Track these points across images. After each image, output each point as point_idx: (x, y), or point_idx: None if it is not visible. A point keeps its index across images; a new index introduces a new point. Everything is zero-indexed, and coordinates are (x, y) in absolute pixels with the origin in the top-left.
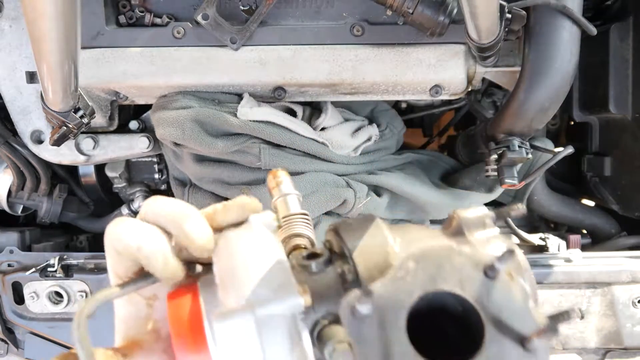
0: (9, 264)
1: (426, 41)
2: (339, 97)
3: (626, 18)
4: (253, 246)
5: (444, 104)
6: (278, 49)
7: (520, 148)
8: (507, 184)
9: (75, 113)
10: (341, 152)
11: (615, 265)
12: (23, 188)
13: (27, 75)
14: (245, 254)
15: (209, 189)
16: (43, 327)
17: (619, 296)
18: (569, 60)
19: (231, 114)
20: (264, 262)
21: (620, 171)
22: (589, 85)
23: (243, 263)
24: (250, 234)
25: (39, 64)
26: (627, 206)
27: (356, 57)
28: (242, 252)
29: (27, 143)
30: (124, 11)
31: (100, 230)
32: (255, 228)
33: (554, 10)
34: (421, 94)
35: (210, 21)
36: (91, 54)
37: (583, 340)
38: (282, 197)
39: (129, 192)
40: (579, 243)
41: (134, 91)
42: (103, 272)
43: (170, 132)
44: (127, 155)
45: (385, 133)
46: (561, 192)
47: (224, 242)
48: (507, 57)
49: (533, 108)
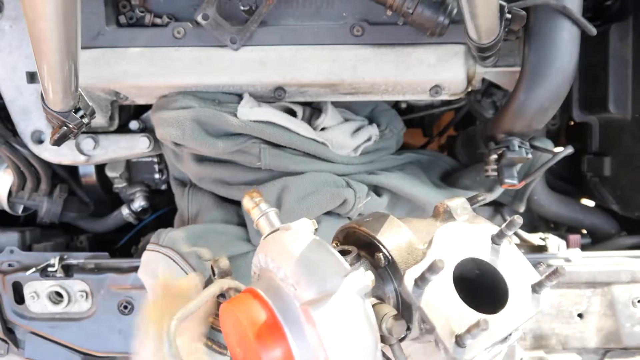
0: (10, 264)
1: (426, 41)
2: (339, 97)
3: (626, 18)
4: (310, 247)
5: (444, 104)
6: (278, 49)
7: (520, 148)
8: (507, 184)
9: (75, 113)
10: (341, 152)
11: (615, 265)
12: (23, 188)
13: (27, 75)
14: (308, 255)
15: (209, 189)
16: (43, 327)
17: (619, 296)
18: (568, 61)
19: (231, 114)
20: (324, 258)
21: (620, 171)
22: (589, 85)
23: (311, 262)
24: (296, 234)
25: (39, 64)
26: (627, 206)
27: (356, 57)
28: (304, 254)
29: (27, 143)
30: (124, 11)
31: (101, 230)
32: (295, 228)
33: (554, 11)
34: (421, 94)
35: (210, 21)
36: (91, 54)
37: (583, 340)
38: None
39: (129, 192)
40: (579, 243)
41: (134, 91)
42: (103, 272)
43: (171, 132)
44: (127, 155)
45: (385, 133)
46: (561, 192)
47: (278, 248)
48: (507, 57)
49: (533, 108)
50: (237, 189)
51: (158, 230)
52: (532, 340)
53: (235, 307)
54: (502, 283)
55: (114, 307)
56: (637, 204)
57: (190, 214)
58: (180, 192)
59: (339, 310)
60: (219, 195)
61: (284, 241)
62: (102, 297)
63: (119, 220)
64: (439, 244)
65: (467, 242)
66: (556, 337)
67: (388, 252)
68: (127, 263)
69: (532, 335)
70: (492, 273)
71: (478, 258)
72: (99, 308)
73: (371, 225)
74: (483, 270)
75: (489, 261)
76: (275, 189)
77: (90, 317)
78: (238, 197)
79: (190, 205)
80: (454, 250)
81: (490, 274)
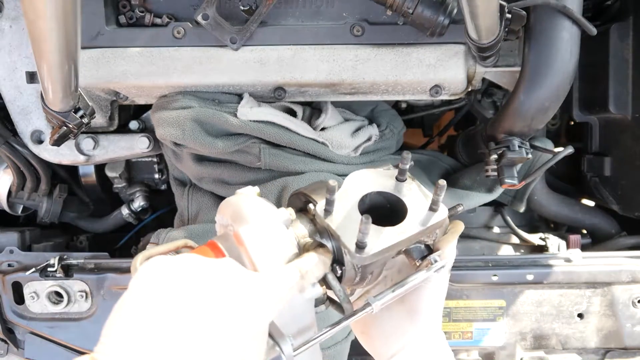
0: (9, 264)
1: (426, 41)
2: (339, 97)
3: (626, 18)
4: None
5: (444, 104)
6: (278, 49)
7: (520, 148)
8: (507, 184)
9: (75, 113)
10: (341, 152)
11: (615, 265)
12: (23, 188)
13: (27, 75)
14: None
15: (209, 189)
16: (43, 327)
17: (619, 296)
18: (569, 60)
19: (231, 114)
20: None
21: (620, 171)
22: (589, 85)
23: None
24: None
25: (39, 64)
26: (627, 206)
27: (356, 57)
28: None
29: (27, 143)
30: (124, 11)
31: (100, 230)
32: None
33: (554, 10)
34: (421, 94)
35: (210, 21)
36: (91, 54)
37: (583, 340)
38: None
39: (129, 192)
40: (579, 243)
41: (134, 91)
42: (103, 272)
43: (170, 132)
44: (127, 155)
45: (385, 133)
46: (561, 192)
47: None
48: (507, 57)
49: (533, 108)
50: (237, 189)
51: (158, 230)
52: (532, 340)
53: (194, 252)
54: (405, 207)
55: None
56: (637, 204)
57: (190, 214)
58: (180, 192)
59: (262, 230)
60: (219, 195)
61: (228, 199)
62: (102, 297)
63: (118, 220)
64: (349, 183)
65: (375, 181)
66: (556, 337)
67: (314, 201)
68: (127, 263)
69: (532, 335)
70: (397, 202)
71: (384, 191)
72: (99, 308)
73: (307, 187)
74: (391, 202)
75: (393, 192)
76: (275, 188)
77: (90, 317)
78: None
79: (190, 205)
80: (363, 187)
81: (396, 203)
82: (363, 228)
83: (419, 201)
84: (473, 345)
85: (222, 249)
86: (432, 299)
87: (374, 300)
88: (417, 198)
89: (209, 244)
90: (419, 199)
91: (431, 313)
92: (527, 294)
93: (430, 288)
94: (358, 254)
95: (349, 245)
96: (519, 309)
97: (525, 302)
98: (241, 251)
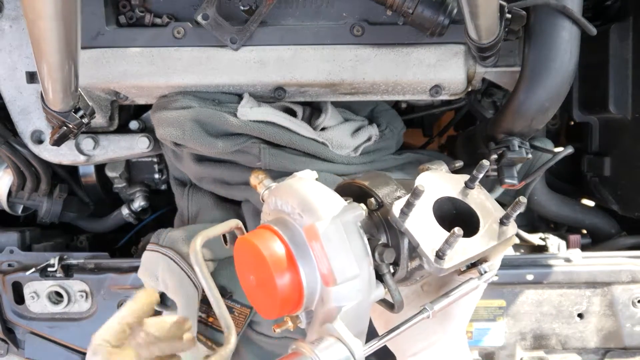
0: (9, 264)
1: (426, 41)
2: (339, 97)
3: (626, 18)
4: (312, 185)
5: (444, 104)
6: (278, 49)
7: (520, 148)
8: (507, 184)
9: (75, 113)
10: (341, 152)
11: (615, 265)
12: (23, 188)
13: (27, 75)
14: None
15: (209, 189)
16: (43, 327)
17: (619, 296)
18: (568, 60)
19: (231, 114)
20: (324, 193)
21: (620, 171)
22: (589, 85)
23: (313, 195)
24: (300, 178)
25: (39, 64)
26: (627, 206)
27: (356, 57)
28: (307, 190)
29: (27, 143)
30: (124, 11)
31: (100, 230)
32: (300, 175)
33: (554, 10)
34: (421, 94)
35: (210, 21)
36: (91, 54)
37: (583, 340)
38: (268, 189)
39: (129, 192)
40: (579, 243)
41: (134, 91)
42: (103, 272)
43: (171, 132)
44: (127, 155)
45: (385, 133)
46: (561, 192)
47: (286, 188)
48: (507, 57)
49: (533, 108)
50: (237, 189)
51: (158, 230)
52: (532, 340)
53: (252, 237)
54: (475, 218)
55: (113, 307)
56: (637, 204)
57: (190, 214)
58: (180, 192)
59: (337, 227)
60: (219, 195)
61: (290, 183)
62: (102, 297)
63: (118, 220)
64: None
65: (445, 185)
66: (556, 337)
67: (378, 196)
68: (127, 263)
69: (532, 335)
70: (466, 210)
71: (454, 197)
72: (99, 308)
73: (364, 179)
74: (459, 209)
75: (463, 200)
76: None
77: (90, 317)
78: (238, 197)
79: (190, 205)
80: (434, 190)
81: (465, 211)
82: (451, 240)
83: (490, 213)
84: (473, 345)
85: (282, 237)
86: (467, 305)
87: (431, 306)
88: (487, 209)
89: (266, 228)
90: (489, 210)
91: (463, 318)
92: (527, 294)
93: (469, 295)
94: (437, 265)
95: (428, 253)
96: (519, 309)
97: (525, 302)
98: (313, 247)
